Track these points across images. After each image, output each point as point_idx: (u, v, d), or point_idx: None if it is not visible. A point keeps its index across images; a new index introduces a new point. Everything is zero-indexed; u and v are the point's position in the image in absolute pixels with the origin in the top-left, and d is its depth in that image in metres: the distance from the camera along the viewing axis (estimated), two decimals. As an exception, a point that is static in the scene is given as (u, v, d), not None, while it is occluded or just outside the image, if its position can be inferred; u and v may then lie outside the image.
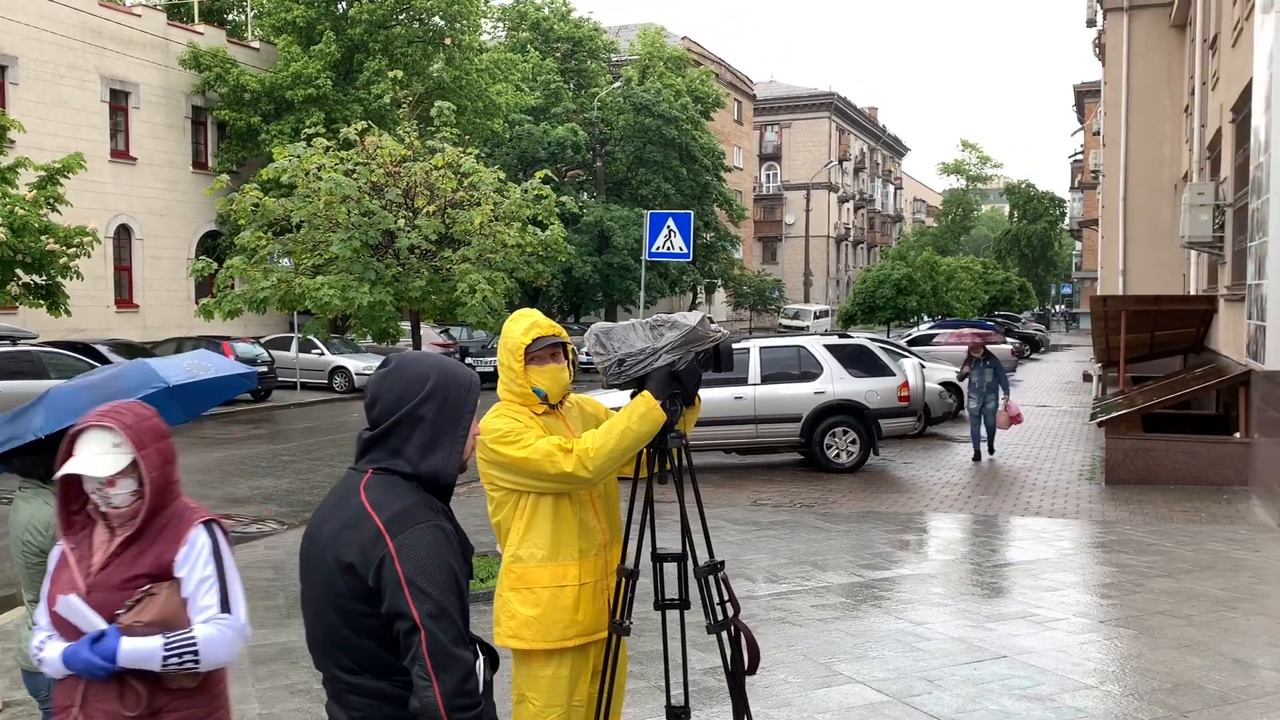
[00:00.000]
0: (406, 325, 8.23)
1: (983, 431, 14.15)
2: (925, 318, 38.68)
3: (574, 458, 3.01)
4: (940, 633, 6.07)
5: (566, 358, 3.24)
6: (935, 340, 30.34)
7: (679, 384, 3.17)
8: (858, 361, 13.82)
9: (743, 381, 13.45)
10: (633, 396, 3.17)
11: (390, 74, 10.51)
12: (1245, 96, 11.40)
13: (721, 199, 41.42)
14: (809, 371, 13.57)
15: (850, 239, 78.51)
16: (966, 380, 14.55)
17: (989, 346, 14.53)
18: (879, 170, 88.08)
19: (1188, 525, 9.34)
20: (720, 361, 3.27)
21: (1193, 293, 18.67)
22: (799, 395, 13.43)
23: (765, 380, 13.48)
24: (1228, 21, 14.10)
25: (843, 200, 76.24)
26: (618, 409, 3.21)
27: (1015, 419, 14.03)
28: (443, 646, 2.00)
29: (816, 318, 51.79)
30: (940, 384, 18.56)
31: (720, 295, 53.83)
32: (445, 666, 1.98)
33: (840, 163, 74.39)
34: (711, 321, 3.40)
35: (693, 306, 47.92)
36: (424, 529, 2.07)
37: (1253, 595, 6.72)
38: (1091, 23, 28.06)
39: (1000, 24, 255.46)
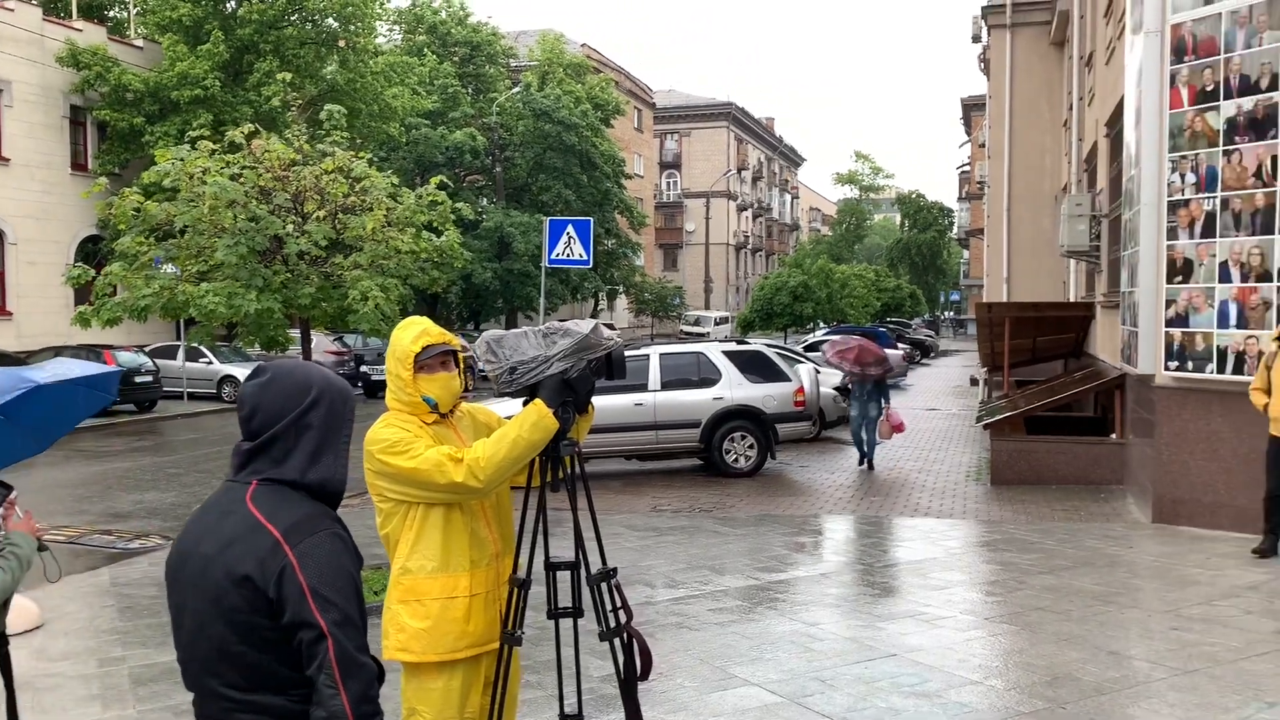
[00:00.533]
0: (297, 333, 8.04)
1: (865, 438, 13.97)
2: (821, 324, 39.46)
3: (464, 467, 2.98)
4: (833, 633, 6.19)
5: (457, 366, 3.21)
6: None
7: (571, 392, 3.17)
8: (755, 367, 14.02)
9: (643, 388, 13.52)
10: (525, 405, 3.15)
11: (279, 76, 10.24)
12: (1118, 112, 11.95)
13: (622, 206, 41.57)
14: (708, 378, 13.72)
15: (749, 247, 79.65)
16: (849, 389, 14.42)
17: (873, 354, 13.96)
18: (776, 179, 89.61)
19: (1067, 523, 9.72)
20: (613, 369, 3.28)
21: (1072, 300, 19.47)
22: (698, 401, 13.56)
23: (665, 387, 13.57)
24: (1102, 40, 14.76)
25: (742, 208, 77.32)
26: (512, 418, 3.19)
27: (897, 428, 13.66)
28: (349, 654, 2.00)
29: (717, 324, 52.35)
30: (834, 389, 18.97)
31: (622, 302, 54.00)
32: (352, 674, 1.99)
33: (739, 171, 75.45)
34: (611, 328, 3.40)
35: (594, 313, 47.95)
36: (324, 537, 2.06)
37: (1127, 589, 7.03)
38: (977, 39, 29.09)
39: (892, 38, 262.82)
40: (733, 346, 14.80)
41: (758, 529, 10.00)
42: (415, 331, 3.14)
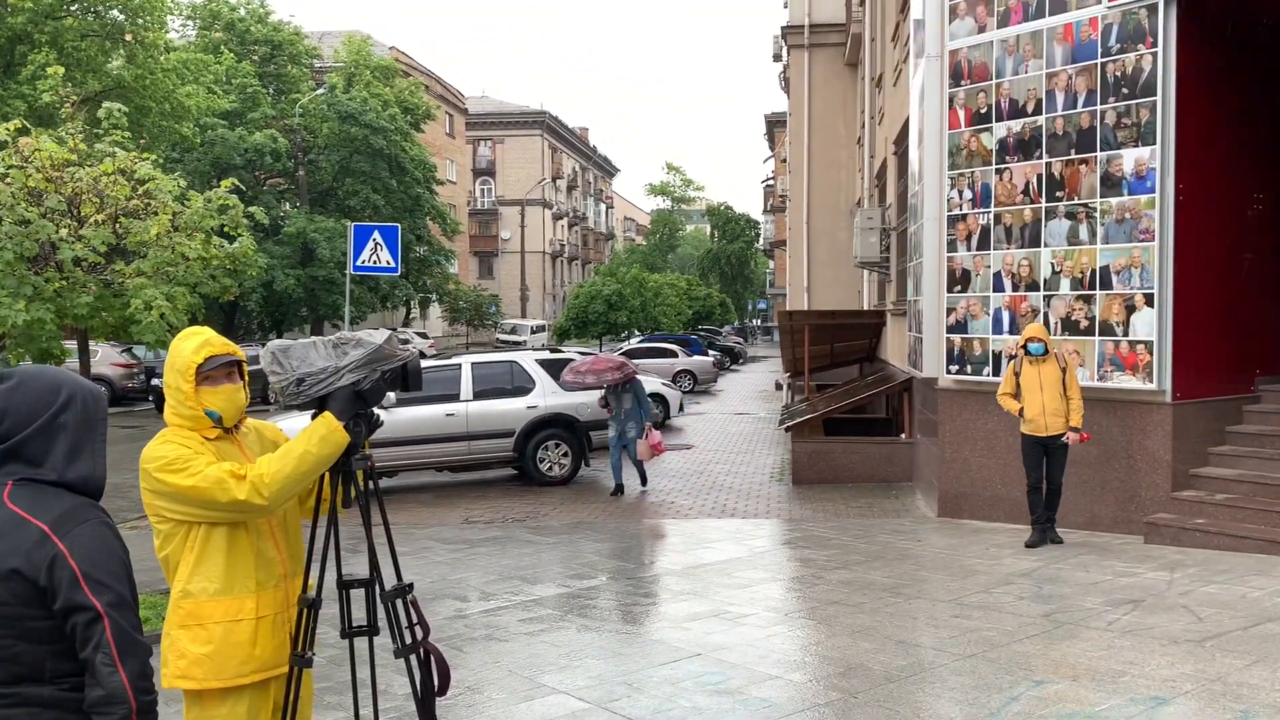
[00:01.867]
0: (73, 344, 7.49)
1: (624, 462, 12.77)
2: (636, 332, 40.03)
3: (248, 484, 2.85)
4: (641, 636, 6.28)
5: (242, 378, 3.08)
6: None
7: (364, 404, 3.09)
8: (569, 375, 14.07)
9: (454, 398, 13.34)
10: (313, 418, 3.05)
11: (51, 71, 9.51)
12: (904, 131, 12.69)
13: (434, 212, 40.86)
14: (521, 386, 13.67)
15: (565, 255, 79.93)
16: (607, 408, 12.84)
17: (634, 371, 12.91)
18: (591, 189, 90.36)
19: (862, 520, 10.23)
20: (408, 381, 3.22)
21: (866, 308, 20.52)
22: (511, 410, 13.50)
23: (477, 396, 13.44)
24: (890, 63, 15.65)
25: (557, 217, 77.52)
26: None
27: (656, 448, 12.57)
28: (126, 633, 2.07)
29: (534, 332, 52.24)
30: (649, 395, 19.25)
31: (436, 310, 53.06)
32: (130, 652, 2.05)
33: (554, 180, 75.63)
34: (425, 338, 3.34)
35: (406, 321, 46.91)
36: (91, 525, 2.11)
37: (915, 581, 7.46)
38: (778, 57, 30.28)
39: (702, 55, 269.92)
40: (547, 355, 14.82)
41: (571, 537, 10.04)
42: (197, 342, 2.99)
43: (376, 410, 3.20)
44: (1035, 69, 9.30)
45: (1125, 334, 8.76)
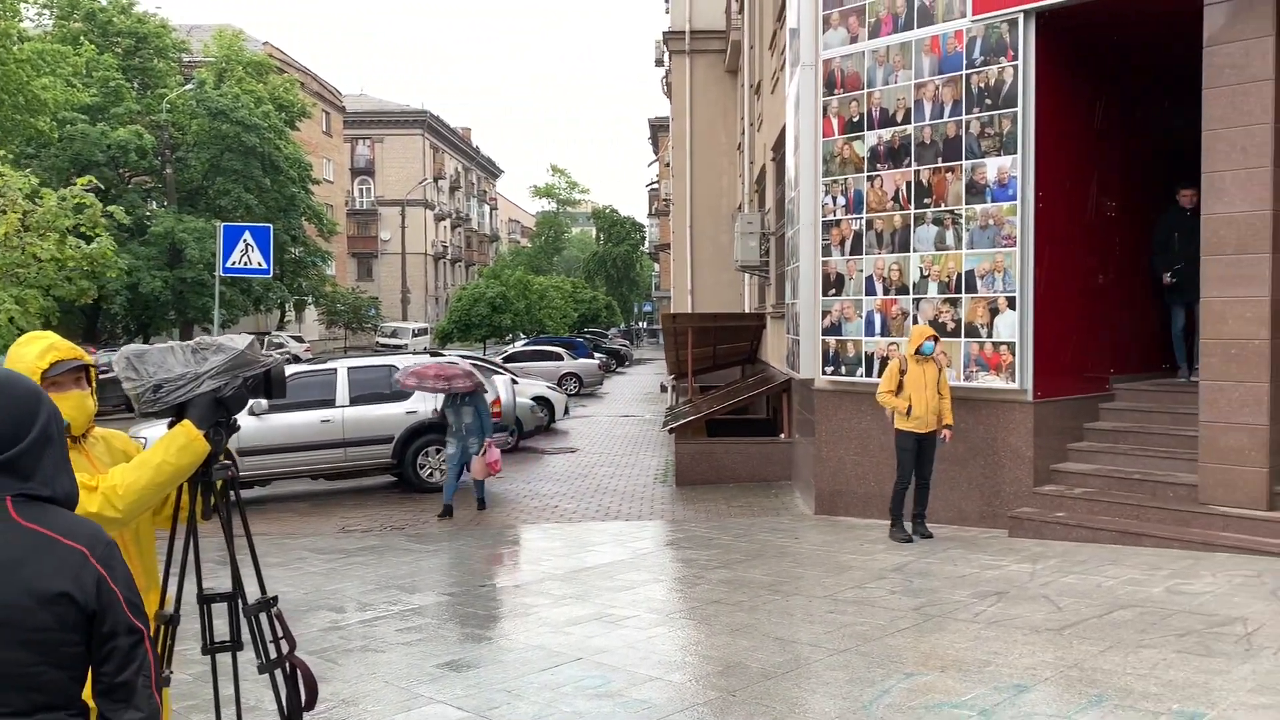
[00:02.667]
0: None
1: (456, 482, 11.70)
2: (521, 335, 39.79)
3: (99, 496, 2.71)
4: (522, 642, 6.23)
5: (90, 385, 2.93)
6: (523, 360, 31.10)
7: (225, 412, 2.98)
8: (449, 379, 13.87)
9: (330, 404, 13.01)
10: (170, 426, 2.93)
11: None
12: (782, 138, 12.95)
13: (310, 212, 39.80)
14: (401, 391, 13.42)
15: (448, 257, 78.89)
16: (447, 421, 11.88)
17: (476, 377, 11.86)
18: (475, 190, 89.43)
19: (742, 519, 10.38)
20: (272, 387, 3.12)
21: (748, 310, 20.86)
22: (390, 415, 13.25)
23: (355, 401, 13.15)
24: (768, 71, 15.94)
25: (439, 218, 76.45)
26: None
27: (493, 466, 11.51)
28: (156, 657, 2.10)
29: (415, 335, 51.41)
30: (533, 399, 19.19)
31: (312, 313, 51.68)
32: (158, 675, 2.07)
33: (435, 180, 74.56)
34: (300, 341, 3.23)
35: (281, 325, 45.55)
36: (111, 545, 2.06)
37: (792, 578, 7.60)
38: (660, 62, 30.53)
39: (587, 58, 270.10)
40: (427, 359, 14.59)
41: (452, 544, 9.90)
42: (41, 346, 2.83)
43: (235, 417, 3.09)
44: (905, 79, 9.60)
45: (989, 336, 9.11)
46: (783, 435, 13.67)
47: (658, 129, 53.55)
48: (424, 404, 13.29)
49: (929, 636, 5.75)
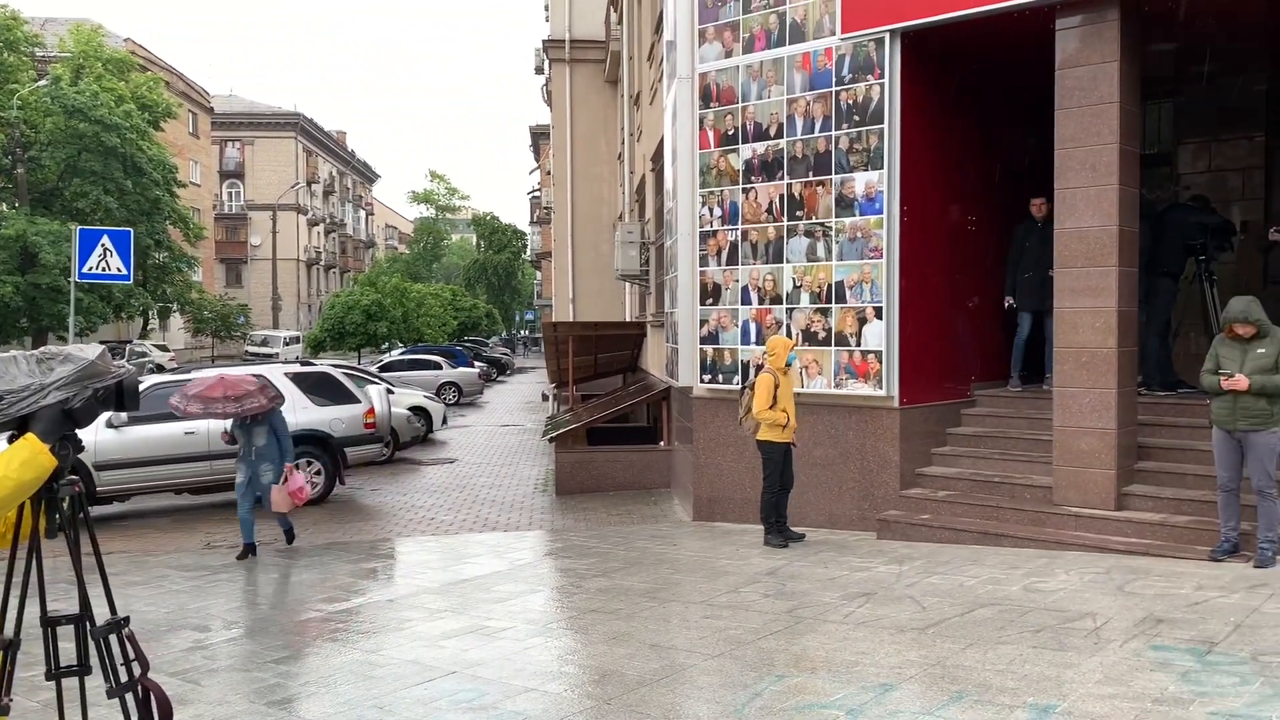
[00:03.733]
0: None
1: (252, 516, 9.90)
2: (398, 344, 39.07)
3: (-70, 516, 2.55)
4: (395, 658, 6.11)
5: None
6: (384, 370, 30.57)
7: (72, 425, 2.84)
8: (322, 389, 13.56)
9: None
10: (12, 440, 2.77)
11: None
12: (661, 149, 13.09)
13: (175, 216, 38.23)
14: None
15: (322, 263, 76.93)
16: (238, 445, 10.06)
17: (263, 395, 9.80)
18: (350, 195, 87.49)
19: (621, 527, 10.42)
20: (124, 400, 2.98)
21: (629, 319, 20.98)
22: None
23: (221, 412, 12.66)
24: (647, 82, 16.10)
25: (313, 223, 74.51)
26: None
27: (297, 495, 9.87)
28: None
29: (286, 344, 49.92)
30: (409, 409, 18.87)
31: (177, 320, 49.65)
32: None
33: (309, 184, 72.67)
34: (165, 350, 3.09)
35: (144, 333, 43.60)
36: None
37: (669, 584, 7.66)
38: (540, 70, 30.49)
39: (467, 63, 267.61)
40: (297, 368, 14.19)
41: (323, 559, 9.64)
42: None
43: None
44: (777, 94, 9.83)
45: (858, 345, 9.39)
46: (663, 443, 13.79)
47: (539, 136, 53.41)
48: (293, 415, 12.92)
49: (800, 638, 5.87)
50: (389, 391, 17.19)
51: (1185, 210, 9.85)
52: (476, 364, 36.47)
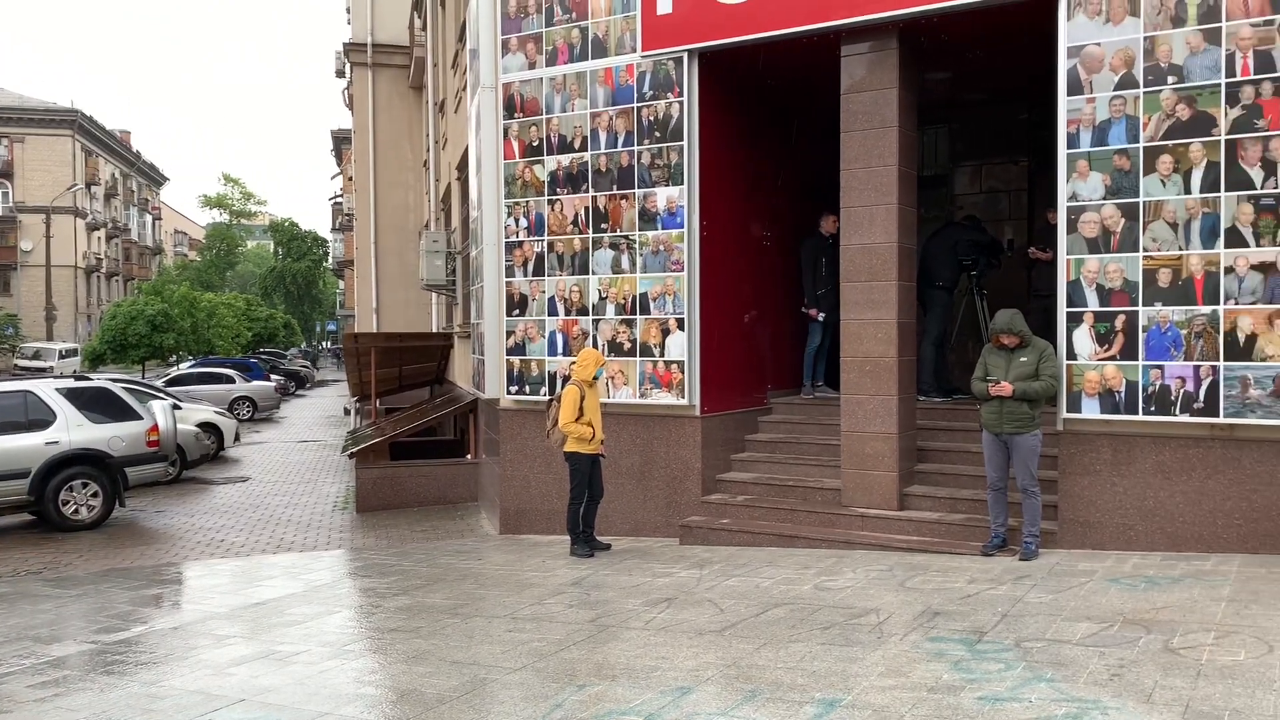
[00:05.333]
0: None
1: None
2: (187, 356, 36.98)
3: None
4: (178, 688, 5.76)
5: None
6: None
7: None
8: (99, 405, 12.67)
9: (-50, 434, 11.44)
10: None
11: None
12: (466, 158, 12.96)
13: (-71, 218, 34.85)
14: (40, 419, 12.07)
15: (103, 270, 71.79)
16: None
17: None
18: (135, 198, 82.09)
19: (425, 543, 10.22)
20: None
21: (435, 330, 20.62)
22: (27, 447, 11.86)
23: (-18, 432, 11.63)
24: (451, 90, 15.91)
25: (93, 228, 69.47)
26: None
27: None
28: None
29: (62, 357, 46.24)
30: (198, 425, 17.90)
31: (-68, 332, 45.19)
32: None
33: (88, 186, 67.75)
34: None
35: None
36: None
37: (473, 600, 7.57)
38: (341, 73, 29.59)
39: (265, 63, 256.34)
40: (72, 383, 13.19)
41: (100, 586, 8.99)
42: None
43: None
44: (581, 108, 9.92)
45: (662, 355, 9.59)
46: (469, 456, 13.61)
47: (341, 141, 51.80)
48: (67, 433, 12.01)
49: (603, 647, 5.92)
50: (175, 407, 16.22)
51: (959, 229, 10.59)
52: (273, 377, 34.97)
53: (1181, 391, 7.27)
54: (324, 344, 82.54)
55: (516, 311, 10.43)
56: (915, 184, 9.04)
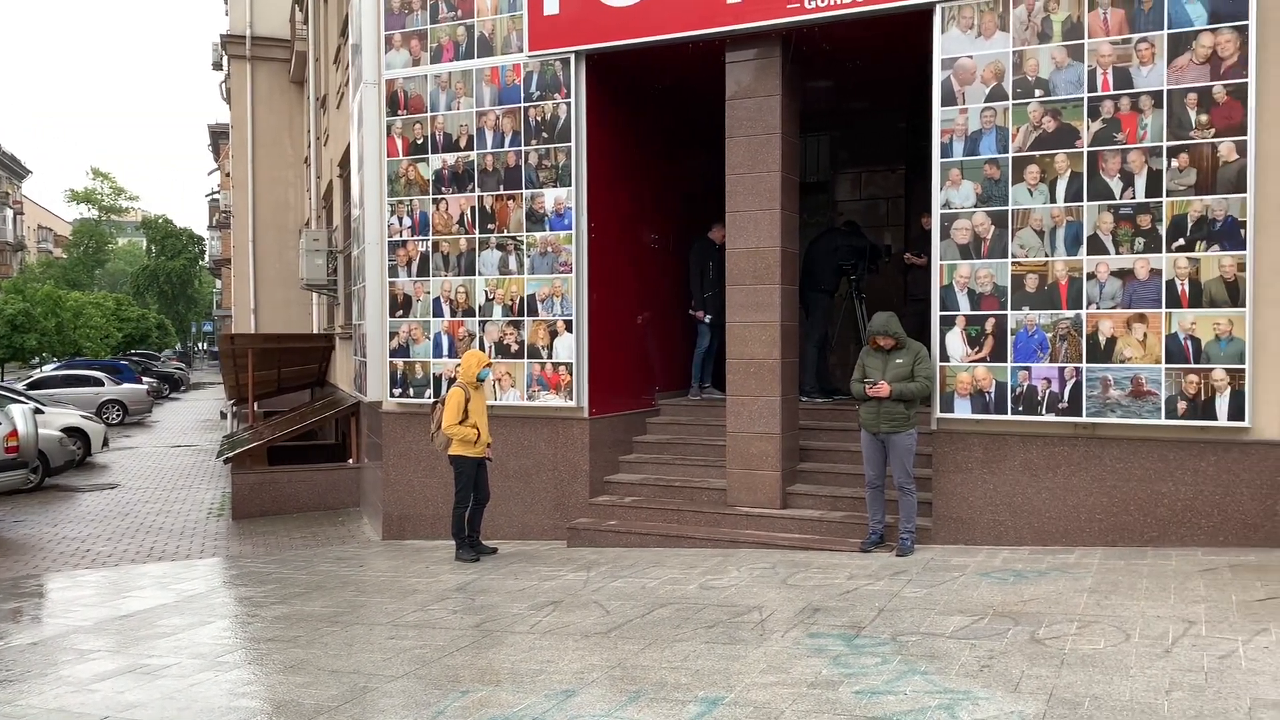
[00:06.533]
0: None
1: None
2: (51, 358, 35.20)
3: None
4: (36, 706, 5.46)
5: None
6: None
7: None
8: (-50, 410, 11.94)
9: None
10: None
11: None
12: (348, 154, 12.66)
13: None
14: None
15: (-44, 267, 67.75)
16: None
17: None
18: (-7, 191, 77.70)
19: (305, 550, 9.94)
20: None
21: (316, 331, 20.10)
22: None
23: None
24: (334, 85, 15.54)
25: (-55, 222, 65.51)
26: None
27: None
28: None
29: (-89, 359, 43.48)
30: (62, 430, 17.07)
31: None
32: None
33: (-60, 178, 63.88)
34: None
35: None
36: None
37: (354, 607, 7.39)
38: (219, 66, 28.60)
39: (137, 52, 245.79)
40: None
41: (-51, 601, 8.46)
42: None
43: None
44: (467, 106, 9.81)
45: (550, 357, 9.55)
46: (351, 460, 13.31)
47: (219, 136, 50.09)
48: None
49: (487, 652, 5.86)
50: (37, 411, 15.41)
51: (839, 234, 10.85)
52: (145, 380, 33.57)
53: (1048, 392, 7.59)
54: (200, 345, 79.59)
55: (400, 312, 10.25)
56: (798, 190, 9.22)
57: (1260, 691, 4.34)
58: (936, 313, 7.95)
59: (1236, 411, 7.06)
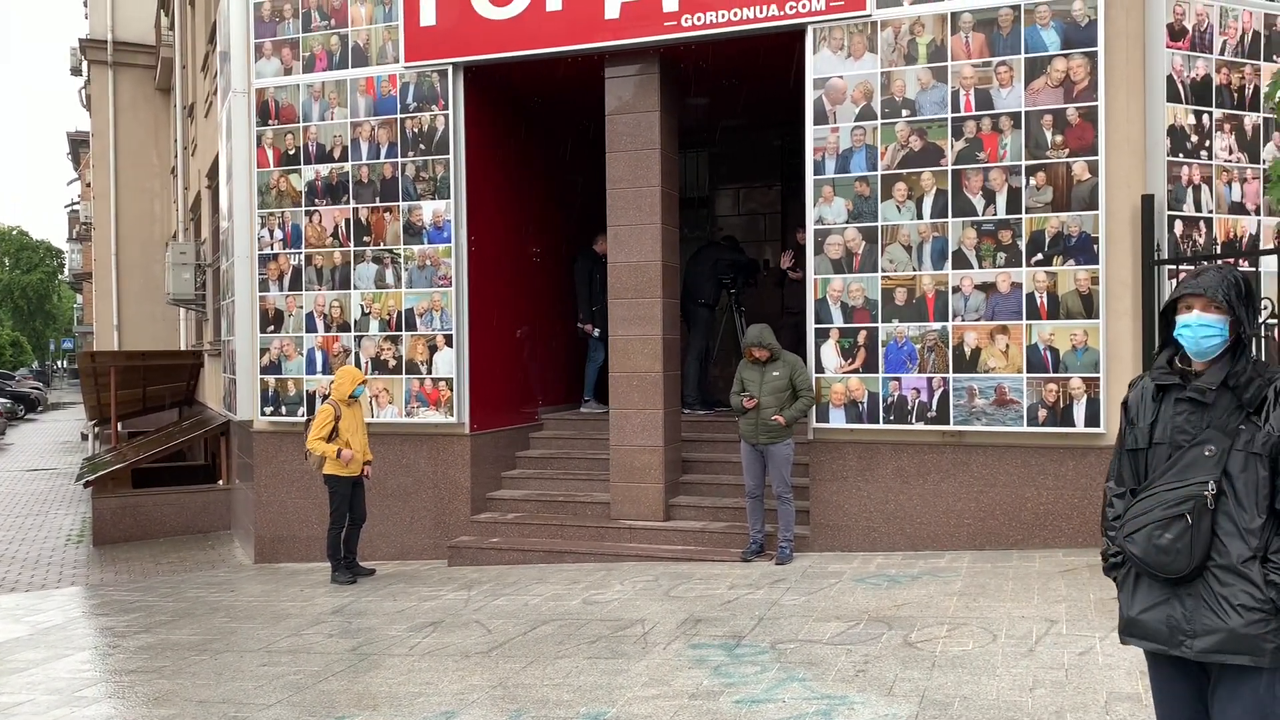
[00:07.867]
0: None
1: None
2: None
3: None
4: None
5: None
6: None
7: None
8: None
9: None
10: None
11: None
12: (217, 165, 12.24)
13: None
14: None
15: None
16: None
17: None
18: None
19: (172, 576, 9.53)
20: None
21: (184, 348, 19.33)
22: None
23: None
24: (201, 93, 15.02)
25: None
26: None
27: None
28: None
29: None
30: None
31: None
32: None
33: None
34: None
35: None
36: None
37: (224, 634, 7.11)
38: (78, 71, 27.33)
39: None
40: None
41: None
42: None
43: None
44: (341, 117, 9.60)
45: (429, 372, 9.39)
46: (221, 481, 12.82)
47: (79, 144, 47.74)
48: None
49: (364, 676, 5.70)
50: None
51: (718, 248, 10.99)
52: (-1, 400, 31.71)
53: (917, 401, 7.84)
54: (60, 363, 75.61)
55: (271, 328, 9.93)
56: (678, 204, 9.31)
57: (1116, 685, 4.56)
58: (811, 325, 8.13)
59: (1093, 418, 7.42)
